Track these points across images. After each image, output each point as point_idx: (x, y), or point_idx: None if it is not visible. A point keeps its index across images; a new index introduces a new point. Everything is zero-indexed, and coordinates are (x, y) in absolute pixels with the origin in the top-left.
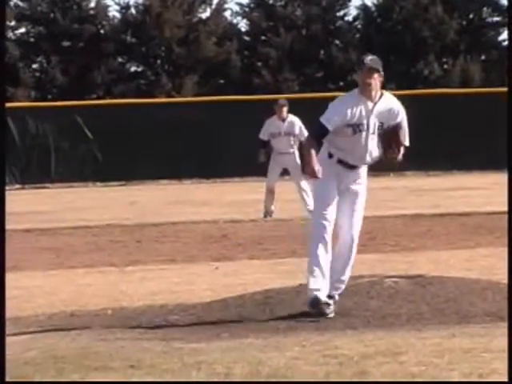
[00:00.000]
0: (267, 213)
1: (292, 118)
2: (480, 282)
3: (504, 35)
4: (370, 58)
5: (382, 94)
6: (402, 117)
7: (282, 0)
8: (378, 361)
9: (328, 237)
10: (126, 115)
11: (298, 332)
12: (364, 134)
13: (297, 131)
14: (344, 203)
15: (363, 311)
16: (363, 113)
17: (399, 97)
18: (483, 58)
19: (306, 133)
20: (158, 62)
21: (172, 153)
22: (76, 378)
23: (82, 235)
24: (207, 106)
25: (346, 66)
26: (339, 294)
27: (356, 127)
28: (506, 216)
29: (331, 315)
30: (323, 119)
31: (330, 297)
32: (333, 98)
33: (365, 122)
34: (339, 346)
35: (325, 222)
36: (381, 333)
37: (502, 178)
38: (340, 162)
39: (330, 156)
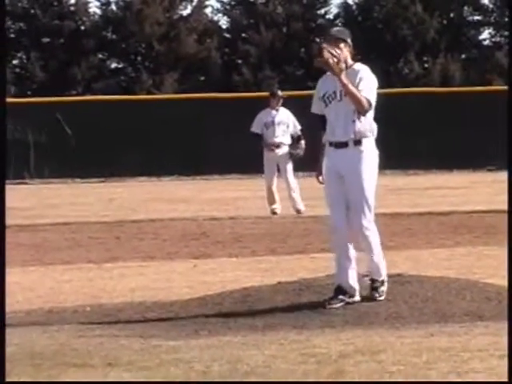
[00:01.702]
0: (271, 211)
1: (285, 109)
2: (459, 281)
3: (485, 34)
4: (336, 29)
5: (352, 65)
6: (367, 78)
7: None
8: (356, 359)
9: (340, 239)
10: (105, 112)
11: (277, 330)
12: (333, 102)
13: (290, 122)
14: (348, 192)
15: (341, 310)
16: (332, 83)
17: (379, 95)
18: (463, 56)
19: (298, 125)
20: (139, 58)
21: (151, 150)
22: (54, 374)
23: (60, 232)
24: (187, 103)
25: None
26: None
27: (326, 99)
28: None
29: (337, 305)
30: None
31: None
32: (313, 96)
33: (332, 91)
34: (317, 344)
35: (334, 225)
36: (359, 331)
37: (481, 177)
38: (330, 144)
39: (325, 144)
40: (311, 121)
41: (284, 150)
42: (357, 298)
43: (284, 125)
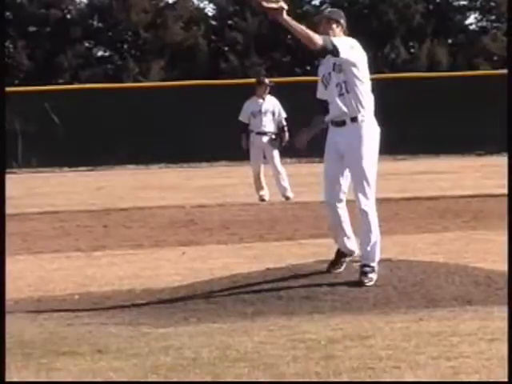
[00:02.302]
0: (259, 197)
1: (271, 97)
2: (447, 265)
3: (471, 19)
4: (328, 10)
5: None
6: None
7: None
8: (345, 345)
9: (334, 213)
10: (93, 100)
11: (266, 316)
12: (331, 83)
13: (276, 110)
14: (349, 170)
15: (330, 295)
16: (327, 65)
17: None
18: (450, 41)
19: (284, 114)
20: (125, 46)
21: (139, 138)
22: (44, 362)
23: (49, 220)
24: (174, 90)
25: (314, 50)
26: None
27: (325, 80)
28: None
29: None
30: None
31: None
32: (300, 83)
33: (327, 72)
34: (307, 330)
35: (327, 201)
36: (348, 317)
37: (470, 161)
38: (331, 123)
39: (328, 123)
40: (315, 105)
41: (269, 137)
42: (356, 252)
43: (270, 113)
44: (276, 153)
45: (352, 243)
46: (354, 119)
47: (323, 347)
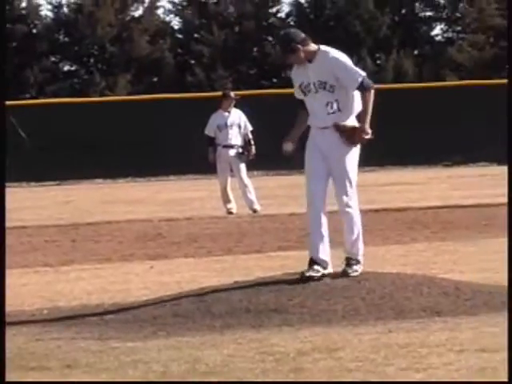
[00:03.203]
0: (227, 211)
1: (236, 110)
2: (416, 277)
3: (437, 30)
4: (288, 37)
5: (317, 51)
6: (339, 64)
7: None
8: (314, 357)
9: (316, 212)
10: (59, 115)
11: (235, 329)
12: (310, 94)
13: (242, 123)
14: (332, 173)
15: (299, 308)
16: (305, 74)
17: None
18: (416, 53)
19: (250, 127)
20: (91, 60)
21: (106, 152)
22: (13, 378)
23: (17, 235)
24: (141, 104)
25: (280, 63)
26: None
27: (304, 89)
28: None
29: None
30: None
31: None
32: (267, 95)
33: (307, 82)
34: (275, 343)
35: (310, 200)
36: (317, 329)
37: (437, 173)
38: (313, 125)
39: (309, 126)
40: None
41: (236, 150)
42: (329, 269)
43: (236, 126)
44: (243, 166)
45: (326, 254)
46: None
47: (292, 360)
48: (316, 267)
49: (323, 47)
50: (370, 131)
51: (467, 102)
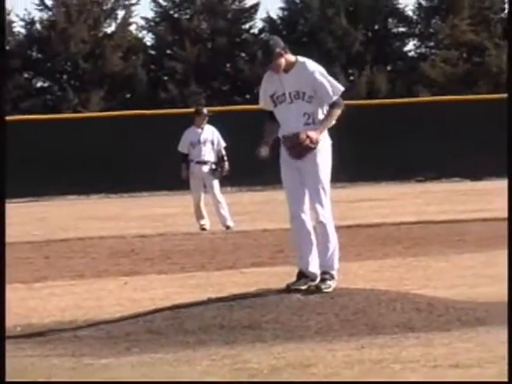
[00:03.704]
0: (200, 227)
1: (210, 126)
2: (389, 293)
3: (410, 46)
4: (263, 49)
5: (295, 62)
6: (319, 76)
7: (187, 13)
8: (288, 373)
9: (300, 227)
10: (32, 131)
11: (208, 346)
12: (284, 104)
13: (215, 139)
14: (305, 184)
15: (272, 324)
16: (278, 84)
17: None
18: (389, 68)
19: (223, 143)
20: (64, 77)
21: (79, 168)
22: None
23: None
24: (114, 120)
25: (253, 79)
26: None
27: (276, 99)
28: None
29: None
30: None
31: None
32: (240, 111)
33: (281, 93)
34: (249, 359)
35: (293, 215)
36: (290, 345)
37: (408, 188)
38: (283, 137)
39: (279, 138)
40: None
41: (209, 167)
42: (318, 281)
43: (210, 142)
44: (216, 182)
45: (315, 266)
46: None
47: (266, 376)
48: (304, 280)
49: (301, 58)
50: (317, 141)
51: (440, 118)
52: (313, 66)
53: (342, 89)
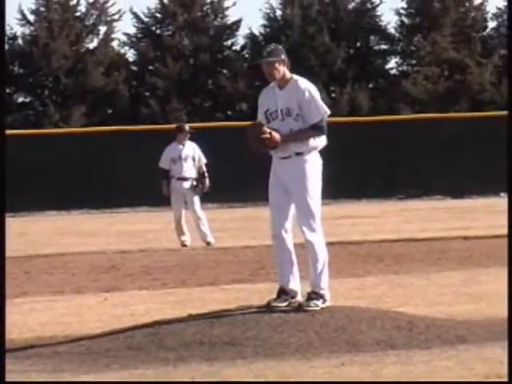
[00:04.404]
0: (181, 243)
1: (191, 143)
2: (369, 310)
3: (391, 63)
4: (267, 51)
5: (289, 80)
6: (307, 96)
7: (169, 30)
8: None
9: (281, 245)
10: (13, 146)
11: (188, 363)
12: (276, 121)
13: (196, 155)
14: (293, 201)
15: (253, 341)
16: (272, 101)
17: None
18: (371, 86)
19: (204, 159)
20: (46, 92)
21: (60, 184)
22: None
23: None
24: (95, 136)
25: (235, 95)
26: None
27: (269, 115)
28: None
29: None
30: None
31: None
32: (221, 128)
33: (274, 109)
34: (229, 376)
35: (274, 233)
36: (271, 362)
37: (390, 206)
38: (274, 155)
39: (268, 157)
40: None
41: (190, 183)
42: (299, 298)
43: (191, 159)
44: (196, 198)
45: (296, 283)
46: (299, 153)
47: None
48: (284, 297)
49: (296, 76)
50: (274, 142)
51: (421, 136)
52: (305, 84)
53: (328, 112)
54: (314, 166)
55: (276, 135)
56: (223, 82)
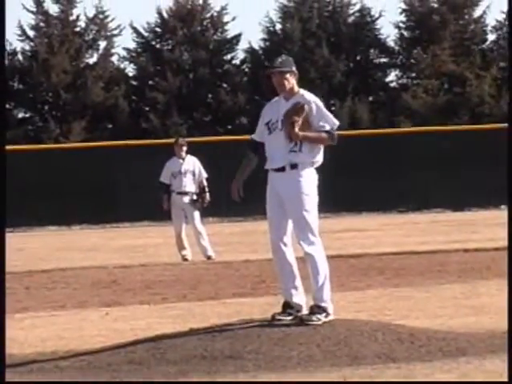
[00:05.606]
0: (182, 257)
1: (191, 157)
2: (370, 323)
3: (391, 76)
4: (279, 61)
5: (296, 92)
6: (314, 109)
7: (169, 44)
8: None
9: (281, 259)
10: (14, 162)
11: (190, 376)
12: (276, 131)
13: (196, 170)
14: (289, 214)
15: (254, 354)
16: (275, 112)
17: None
18: (371, 99)
19: (204, 174)
20: (46, 107)
21: (61, 199)
22: None
23: None
24: (95, 151)
25: (234, 109)
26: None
27: (271, 126)
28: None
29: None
30: None
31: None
32: (221, 142)
33: (275, 119)
34: None
35: (274, 247)
36: (272, 376)
37: (390, 219)
38: (270, 167)
39: (267, 170)
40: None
41: (190, 197)
42: (304, 311)
43: (191, 173)
44: (196, 213)
45: (300, 297)
46: (294, 166)
47: None
48: (289, 311)
49: (302, 90)
50: (298, 136)
51: (421, 149)
52: (311, 97)
53: (337, 123)
54: (309, 180)
55: (297, 128)
56: (223, 96)
